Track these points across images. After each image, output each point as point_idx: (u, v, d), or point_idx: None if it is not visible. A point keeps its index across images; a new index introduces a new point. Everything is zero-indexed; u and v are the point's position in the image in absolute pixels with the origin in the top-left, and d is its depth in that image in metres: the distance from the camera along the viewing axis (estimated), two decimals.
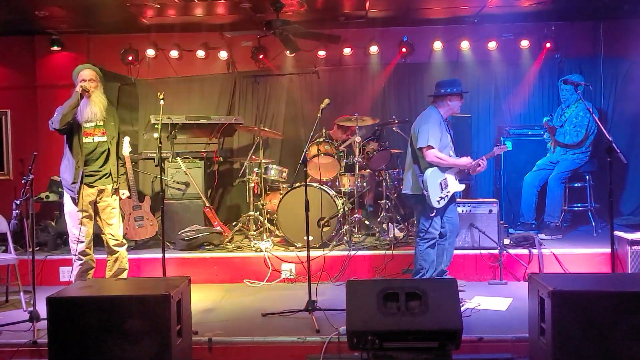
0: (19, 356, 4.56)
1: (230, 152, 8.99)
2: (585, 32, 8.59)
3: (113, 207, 5.71)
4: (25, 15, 7.77)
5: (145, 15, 7.93)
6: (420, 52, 8.77)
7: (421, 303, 3.98)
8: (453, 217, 5.79)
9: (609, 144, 4.82)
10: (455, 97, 5.70)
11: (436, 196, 5.54)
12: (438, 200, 5.55)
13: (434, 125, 5.59)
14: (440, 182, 5.59)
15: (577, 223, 7.84)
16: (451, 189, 5.63)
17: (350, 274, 6.41)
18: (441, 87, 5.73)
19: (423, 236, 5.65)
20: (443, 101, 5.71)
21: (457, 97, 5.71)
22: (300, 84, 8.94)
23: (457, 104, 5.73)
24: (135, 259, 6.53)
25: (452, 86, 5.70)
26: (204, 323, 5.04)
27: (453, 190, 5.65)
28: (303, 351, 4.49)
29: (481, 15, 8.23)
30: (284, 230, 6.97)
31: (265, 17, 7.50)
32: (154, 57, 8.82)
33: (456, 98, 5.71)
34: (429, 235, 5.63)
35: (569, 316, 3.65)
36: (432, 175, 5.57)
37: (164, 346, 3.83)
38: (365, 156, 7.42)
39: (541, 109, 8.51)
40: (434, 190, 5.54)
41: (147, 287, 4.34)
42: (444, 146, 5.64)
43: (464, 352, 4.27)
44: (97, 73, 5.60)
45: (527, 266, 6.33)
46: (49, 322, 3.90)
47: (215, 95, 9.04)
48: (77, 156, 5.47)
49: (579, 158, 7.36)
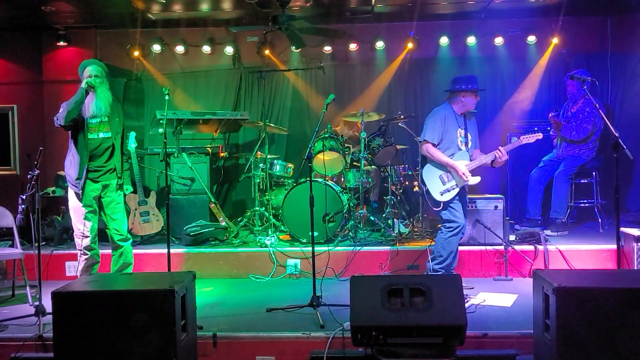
0: (25, 350, 4.58)
1: (235, 148, 9.00)
2: (593, 27, 8.54)
3: (117, 202, 5.72)
4: (32, 10, 7.79)
5: (151, 11, 7.94)
6: (427, 47, 8.74)
7: (425, 299, 3.97)
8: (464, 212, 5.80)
9: (616, 140, 4.80)
10: (470, 93, 5.68)
11: (437, 190, 5.58)
12: (441, 193, 5.57)
13: (436, 120, 5.66)
14: (440, 175, 5.61)
15: (583, 219, 7.81)
16: (459, 181, 5.62)
17: (355, 269, 6.41)
18: (456, 83, 5.73)
19: (447, 225, 5.67)
20: (457, 97, 5.72)
21: (471, 94, 5.69)
22: (305, 80, 8.95)
23: (472, 101, 5.71)
24: (140, 253, 6.54)
25: (467, 83, 5.69)
26: (209, 318, 5.05)
27: (463, 183, 5.64)
28: (307, 346, 4.50)
29: (488, 11, 8.20)
30: (289, 226, 6.98)
31: (271, 12, 7.50)
32: (160, 52, 8.83)
33: (470, 95, 5.69)
34: (452, 224, 5.64)
35: (573, 312, 3.64)
36: (429, 169, 5.63)
37: (168, 341, 3.84)
38: (371, 152, 7.41)
39: (548, 105, 8.46)
40: (433, 185, 5.61)
41: (152, 282, 4.35)
42: (449, 142, 5.66)
43: (469, 347, 4.27)
44: (102, 69, 5.60)
45: (533, 262, 6.31)
46: (54, 316, 3.92)
47: (221, 91, 9.05)
48: (82, 152, 5.47)
49: (586, 154, 7.34)
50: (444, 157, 5.62)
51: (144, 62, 8.90)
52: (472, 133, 5.82)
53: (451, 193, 5.62)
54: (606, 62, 8.36)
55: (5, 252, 6.04)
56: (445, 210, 5.66)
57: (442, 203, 5.62)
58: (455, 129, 5.70)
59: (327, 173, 7.17)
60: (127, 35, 8.74)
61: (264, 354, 4.55)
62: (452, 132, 5.69)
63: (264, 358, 4.54)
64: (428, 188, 5.65)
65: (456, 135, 5.70)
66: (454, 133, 5.69)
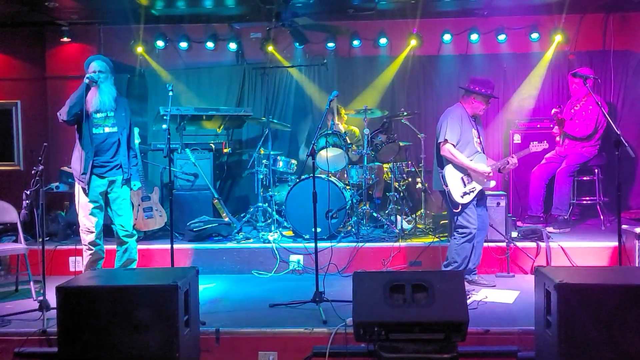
0: (29, 345, 4.60)
1: (239, 144, 9.02)
2: (596, 25, 8.51)
3: (123, 198, 5.73)
4: (35, 6, 7.81)
5: (155, 7, 7.95)
6: (430, 44, 8.74)
7: (427, 295, 3.99)
8: (483, 215, 5.83)
9: (618, 138, 4.81)
10: (482, 98, 5.68)
11: (459, 191, 5.57)
12: (462, 195, 5.56)
13: (453, 120, 5.62)
14: (462, 177, 5.60)
15: (585, 216, 7.81)
16: (478, 184, 5.63)
17: (358, 265, 6.42)
18: (472, 83, 5.72)
19: (460, 231, 5.66)
20: (469, 97, 5.72)
21: (482, 99, 5.68)
22: (309, 76, 8.95)
23: (481, 106, 5.71)
24: (144, 249, 6.56)
25: (482, 86, 5.67)
26: (212, 313, 5.07)
27: (481, 186, 5.65)
28: (310, 342, 4.52)
29: (491, 8, 8.20)
30: (292, 222, 7.00)
31: (275, 8, 7.50)
32: (163, 49, 8.84)
33: (481, 99, 5.68)
34: (465, 230, 5.64)
35: (575, 309, 3.65)
36: (452, 170, 5.60)
37: (171, 336, 3.86)
38: (374, 148, 7.42)
39: (550, 102, 8.46)
40: (455, 186, 5.57)
41: (156, 277, 4.38)
42: (466, 142, 5.65)
43: (470, 344, 4.28)
44: (107, 64, 5.62)
45: (535, 259, 6.32)
46: (58, 311, 3.93)
47: (224, 87, 9.06)
48: (87, 147, 5.49)
49: (588, 151, 7.34)
50: (466, 160, 5.58)
51: (147, 58, 8.91)
52: (482, 136, 5.83)
53: (471, 195, 5.62)
54: (609, 59, 8.36)
55: (10, 247, 6.08)
56: (460, 215, 5.64)
57: (461, 205, 5.62)
58: (470, 130, 5.70)
59: (330, 169, 7.18)
60: (131, 31, 8.73)
61: (266, 349, 4.57)
62: (468, 132, 5.68)
63: (267, 353, 4.56)
64: (450, 189, 5.59)
65: (472, 136, 5.69)
66: (469, 134, 5.69)
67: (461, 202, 5.59)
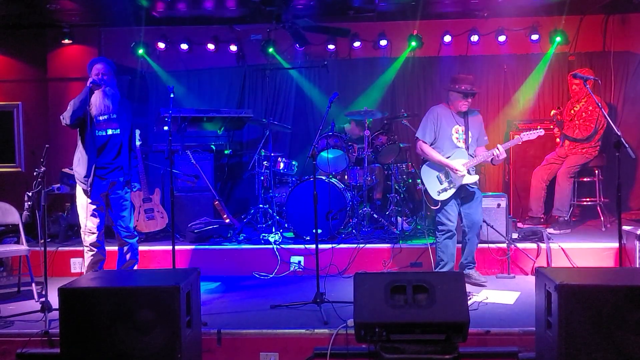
0: (31, 346, 4.62)
1: (239, 145, 9.03)
2: (596, 26, 8.53)
3: (124, 199, 5.75)
4: (37, 8, 7.82)
5: (156, 9, 7.96)
6: (430, 45, 8.75)
7: (428, 296, 4.00)
8: (471, 213, 5.81)
9: (618, 139, 4.81)
10: (456, 94, 5.73)
11: (435, 189, 5.64)
12: (438, 193, 5.62)
13: (427, 119, 5.78)
14: (438, 174, 5.65)
15: (585, 217, 7.83)
16: (456, 180, 5.64)
17: (358, 266, 6.43)
18: (450, 82, 5.80)
19: (439, 228, 5.75)
20: (448, 95, 5.82)
21: (457, 95, 5.72)
22: (309, 78, 8.97)
23: (460, 102, 5.72)
24: (145, 250, 6.58)
25: (456, 83, 5.73)
26: (213, 314, 5.08)
27: (460, 182, 5.66)
28: (311, 343, 4.53)
29: (491, 9, 8.21)
30: (293, 223, 7.01)
31: (275, 10, 7.52)
32: (164, 50, 8.85)
33: (457, 95, 5.72)
34: (443, 227, 5.71)
35: (575, 310, 3.66)
36: (427, 168, 5.71)
37: (173, 337, 3.86)
38: (374, 150, 7.43)
39: (550, 103, 8.49)
40: (431, 184, 5.68)
41: (157, 278, 4.39)
42: (443, 139, 5.71)
43: (471, 344, 4.30)
44: (110, 66, 5.62)
45: (535, 260, 6.33)
46: (60, 313, 3.94)
47: (225, 88, 9.08)
48: (89, 149, 5.49)
49: (588, 152, 7.34)
50: (437, 155, 5.66)
51: (148, 60, 8.92)
52: (475, 131, 5.82)
53: (448, 192, 5.67)
54: (609, 61, 8.37)
55: (11, 248, 6.07)
56: (440, 213, 5.72)
57: (440, 202, 5.68)
58: (450, 127, 5.73)
59: (330, 171, 7.19)
60: (132, 33, 8.74)
61: (268, 350, 4.58)
62: (447, 130, 5.72)
63: (268, 354, 4.57)
64: (426, 187, 5.73)
65: (451, 133, 5.73)
66: (448, 131, 5.72)
67: (439, 199, 5.65)
